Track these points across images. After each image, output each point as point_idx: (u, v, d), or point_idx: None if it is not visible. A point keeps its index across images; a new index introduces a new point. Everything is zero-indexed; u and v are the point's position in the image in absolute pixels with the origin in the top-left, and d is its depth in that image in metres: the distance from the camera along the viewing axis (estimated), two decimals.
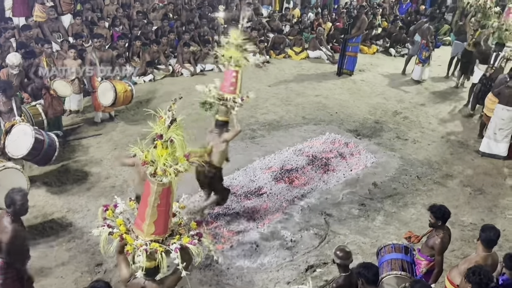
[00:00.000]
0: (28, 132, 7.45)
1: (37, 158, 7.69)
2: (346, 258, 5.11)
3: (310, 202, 8.12)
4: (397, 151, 10.02)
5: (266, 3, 17.55)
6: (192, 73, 13.27)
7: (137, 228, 4.52)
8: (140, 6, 14.40)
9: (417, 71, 13.95)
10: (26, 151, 7.37)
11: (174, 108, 4.52)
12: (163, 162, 4.40)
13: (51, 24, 12.32)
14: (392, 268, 5.59)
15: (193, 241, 4.58)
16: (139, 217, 4.53)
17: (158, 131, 4.43)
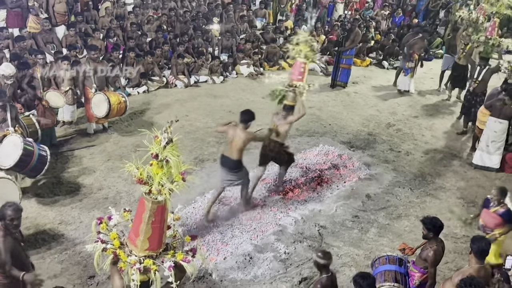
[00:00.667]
0: (18, 144, 7.37)
1: (26, 170, 7.60)
2: (329, 258, 5.25)
3: (304, 214, 8.12)
4: (391, 163, 10.06)
5: (260, 15, 17.64)
6: (186, 85, 13.29)
7: (131, 242, 4.50)
8: (134, 17, 14.44)
9: (402, 81, 14.06)
10: (13, 162, 7.28)
11: (171, 130, 4.52)
12: (158, 181, 4.39)
13: (45, 35, 12.34)
14: (385, 279, 5.60)
15: (187, 258, 4.56)
16: (133, 232, 4.51)
17: (154, 151, 4.41)
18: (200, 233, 7.35)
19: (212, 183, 8.71)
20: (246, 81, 14.30)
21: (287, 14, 18.08)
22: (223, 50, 15.22)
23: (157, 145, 4.45)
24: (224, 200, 8.24)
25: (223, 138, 10.38)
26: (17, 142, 7.41)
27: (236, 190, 8.51)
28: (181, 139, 10.34)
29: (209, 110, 11.92)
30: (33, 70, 9.81)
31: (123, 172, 8.79)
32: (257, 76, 14.58)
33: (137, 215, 4.50)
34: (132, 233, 4.53)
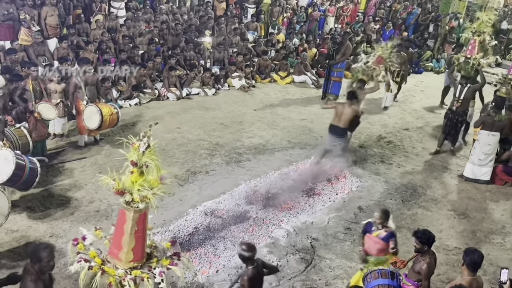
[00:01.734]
0: (9, 158, 7.25)
1: (17, 184, 7.52)
2: (253, 249, 5.38)
3: (296, 226, 8.11)
4: (382, 175, 10.10)
5: (252, 28, 17.74)
6: (178, 97, 13.30)
7: (113, 257, 4.47)
8: (126, 30, 14.46)
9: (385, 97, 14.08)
10: (7, 177, 7.18)
11: (150, 133, 4.51)
12: (138, 188, 4.37)
13: (36, 48, 12.32)
14: None
15: (174, 262, 4.55)
16: (115, 246, 4.48)
17: (133, 158, 4.39)
18: (192, 246, 7.33)
19: (204, 196, 8.71)
20: (238, 94, 14.34)
21: (278, 27, 18.20)
22: (215, 63, 15.27)
23: (135, 152, 4.43)
24: (216, 212, 8.22)
25: (216, 150, 10.43)
26: (9, 156, 7.30)
27: (229, 202, 8.51)
28: (173, 152, 10.42)
29: (201, 122, 11.93)
30: (25, 82, 9.79)
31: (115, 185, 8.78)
32: (248, 88, 14.63)
33: (117, 227, 4.48)
34: (114, 247, 4.49)
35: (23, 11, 12.71)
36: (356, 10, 20.18)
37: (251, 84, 14.93)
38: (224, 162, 10.06)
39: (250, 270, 5.31)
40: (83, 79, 9.94)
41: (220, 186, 9.11)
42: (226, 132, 11.50)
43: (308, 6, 19.62)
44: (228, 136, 11.29)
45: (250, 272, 5.30)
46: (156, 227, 7.72)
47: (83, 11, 14.58)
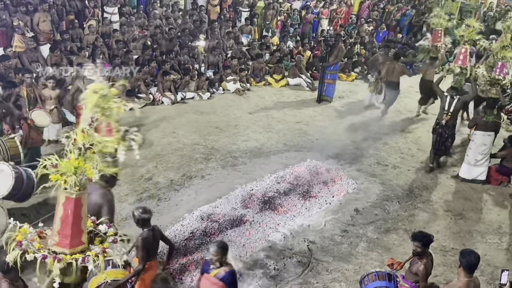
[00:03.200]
0: (7, 172, 7.15)
1: (16, 197, 7.44)
2: (148, 212, 5.79)
3: (293, 229, 8.09)
4: (378, 177, 10.10)
5: (246, 32, 17.75)
6: (172, 102, 13.28)
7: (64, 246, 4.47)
8: (120, 35, 14.44)
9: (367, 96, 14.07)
10: (7, 192, 7.12)
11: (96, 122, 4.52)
12: (73, 172, 4.38)
13: (30, 54, 12.29)
14: None
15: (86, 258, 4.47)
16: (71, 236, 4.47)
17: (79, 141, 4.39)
18: (189, 251, 7.30)
19: (200, 200, 8.69)
20: (233, 97, 14.33)
21: (273, 30, 18.22)
22: (209, 67, 15.26)
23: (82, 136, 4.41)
24: (213, 217, 8.19)
25: (211, 154, 10.41)
26: (6, 170, 7.19)
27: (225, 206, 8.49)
28: (168, 156, 10.41)
29: (196, 126, 11.90)
30: (19, 89, 9.76)
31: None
32: (243, 92, 14.62)
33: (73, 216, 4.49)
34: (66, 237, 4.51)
35: (16, 18, 12.69)
36: (350, 12, 20.22)
37: (246, 87, 14.92)
38: (219, 166, 10.04)
39: (146, 232, 5.76)
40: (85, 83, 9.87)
41: (216, 190, 9.09)
42: (222, 136, 11.48)
43: (302, 8, 19.66)
44: (224, 140, 11.27)
45: (145, 233, 5.74)
46: None
47: (76, 16, 14.56)
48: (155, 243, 5.87)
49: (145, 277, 5.86)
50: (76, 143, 4.41)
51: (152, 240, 5.75)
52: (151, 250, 5.76)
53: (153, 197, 8.76)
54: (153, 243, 5.80)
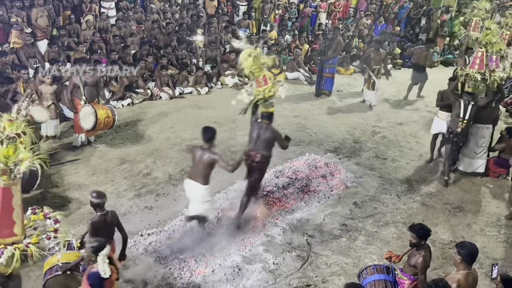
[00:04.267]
0: None
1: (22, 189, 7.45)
2: (102, 197, 5.99)
3: (292, 223, 8.11)
4: (377, 171, 10.10)
5: (244, 26, 17.69)
6: (170, 96, 13.26)
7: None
8: (117, 30, 14.40)
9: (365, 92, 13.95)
10: None
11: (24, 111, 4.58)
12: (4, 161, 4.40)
13: (27, 50, 12.27)
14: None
15: (47, 236, 4.54)
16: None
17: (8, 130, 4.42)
18: (187, 246, 7.31)
19: None
20: (231, 92, 14.27)
21: (271, 24, 18.16)
22: (207, 61, 15.22)
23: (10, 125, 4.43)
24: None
25: None
26: None
27: (224, 201, 8.49)
28: (167, 151, 10.41)
29: (194, 121, 11.89)
30: (16, 85, 9.74)
31: (109, 186, 8.78)
32: (242, 86, 14.57)
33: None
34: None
35: (14, 14, 12.64)
36: (348, 6, 20.14)
37: (244, 81, 14.89)
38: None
39: (97, 216, 5.95)
40: (83, 79, 9.87)
41: (214, 185, 9.04)
42: (220, 131, 11.38)
43: (300, 2, 19.58)
44: (222, 135, 11.24)
45: (95, 217, 5.95)
46: (151, 227, 7.72)
47: (73, 11, 14.48)
48: (107, 228, 6.01)
49: None
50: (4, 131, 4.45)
51: (103, 224, 5.94)
52: (102, 234, 5.75)
53: (152, 192, 8.77)
54: (104, 228, 5.95)
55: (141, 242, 7.37)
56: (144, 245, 7.30)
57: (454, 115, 9.46)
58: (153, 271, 6.82)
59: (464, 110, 9.31)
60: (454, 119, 9.46)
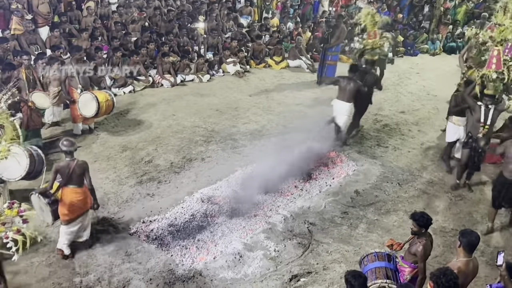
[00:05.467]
0: (20, 153, 7.09)
1: (30, 175, 7.40)
2: (72, 145, 6.61)
3: (293, 211, 8.12)
4: (378, 159, 10.10)
5: (245, 13, 17.62)
6: (172, 84, 13.24)
7: None
8: (118, 17, 14.34)
9: None
10: (24, 172, 7.14)
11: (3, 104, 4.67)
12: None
13: (28, 37, 12.25)
14: (376, 277, 5.61)
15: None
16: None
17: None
18: (189, 233, 7.35)
19: (200, 182, 8.72)
20: (232, 79, 14.29)
21: (272, 11, 18.07)
22: (209, 49, 15.17)
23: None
24: (213, 199, 8.23)
25: (211, 137, 10.42)
26: (18, 151, 7.14)
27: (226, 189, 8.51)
28: (169, 139, 10.41)
29: (196, 109, 11.89)
30: (18, 71, 9.72)
31: (111, 173, 8.81)
32: (243, 74, 14.56)
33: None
34: None
35: (14, 0, 12.58)
36: None
37: (246, 69, 14.87)
38: (220, 148, 10.04)
39: (64, 161, 6.64)
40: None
41: (216, 172, 9.11)
42: (222, 119, 11.47)
43: None
44: (224, 123, 11.26)
45: (62, 162, 6.68)
46: (152, 214, 7.75)
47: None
48: (72, 174, 6.57)
49: (63, 202, 6.66)
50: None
51: (66, 169, 6.53)
52: (64, 177, 6.57)
53: (154, 180, 8.78)
54: (68, 173, 6.54)
55: (142, 229, 7.40)
56: (146, 232, 7.32)
57: (475, 120, 8.69)
58: (155, 257, 6.85)
59: (485, 115, 8.56)
60: (475, 124, 8.71)
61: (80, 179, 6.65)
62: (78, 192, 6.67)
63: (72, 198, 6.64)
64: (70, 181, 6.60)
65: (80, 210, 6.77)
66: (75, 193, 6.66)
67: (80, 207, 6.74)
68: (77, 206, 6.70)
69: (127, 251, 6.94)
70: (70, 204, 6.64)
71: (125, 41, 13.41)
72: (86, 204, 6.83)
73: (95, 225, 7.40)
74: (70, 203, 6.63)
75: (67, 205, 6.63)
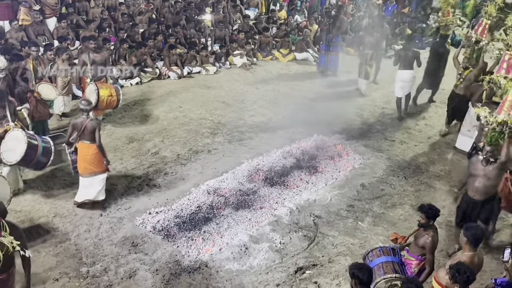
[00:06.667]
0: (21, 138, 7.41)
1: (32, 163, 7.64)
2: (88, 104, 7.37)
3: (299, 204, 8.13)
4: (384, 152, 10.09)
5: (253, 5, 17.58)
6: (179, 76, 13.25)
7: None
8: (126, 8, 14.34)
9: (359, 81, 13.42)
10: (20, 157, 7.35)
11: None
12: None
13: (36, 27, 12.28)
14: (385, 271, 5.63)
15: None
16: None
17: None
18: (195, 224, 7.38)
19: (207, 174, 8.74)
20: (239, 72, 14.27)
21: (280, 4, 18.01)
22: (216, 41, 15.16)
23: None
24: (219, 191, 8.25)
25: (218, 129, 10.44)
26: (20, 136, 7.45)
27: (232, 181, 8.53)
28: (175, 131, 10.43)
29: (202, 101, 11.89)
30: (25, 62, 9.76)
31: (118, 165, 8.84)
32: (250, 66, 14.54)
33: None
34: None
35: None
36: None
37: (253, 61, 14.84)
38: (226, 140, 10.06)
39: (79, 118, 7.38)
40: (91, 58, 9.89)
41: (222, 164, 9.13)
42: (228, 111, 11.47)
43: None
44: (230, 115, 11.27)
45: (78, 118, 7.40)
46: (159, 205, 7.79)
47: None
48: (83, 129, 7.34)
49: (78, 155, 7.53)
50: None
51: (80, 125, 7.33)
52: (78, 133, 7.38)
53: (160, 171, 8.82)
54: (80, 128, 7.34)
55: (149, 220, 7.44)
56: (152, 223, 7.36)
57: (480, 127, 8.12)
58: (161, 248, 6.89)
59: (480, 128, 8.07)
60: (479, 131, 8.26)
61: (91, 135, 7.38)
62: (90, 147, 7.43)
63: (85, 152, 7.45)
64: (83, 136, 7.40)
65: (95, 168, 7.52)
66: (87, 148, 7.43)
67: (95, 164, 7.51)
68: (90, 161, 7.47)
69: (133, 242, 6.98)
70: (83, 157, 7.47)
71: (133, 32, 13.41)
72: (100, 164, 7.56)
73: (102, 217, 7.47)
74: (83, 156, 7.48)
75: (81, 158, 7.50)
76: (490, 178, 6.74)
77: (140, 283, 6.31)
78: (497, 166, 6.68)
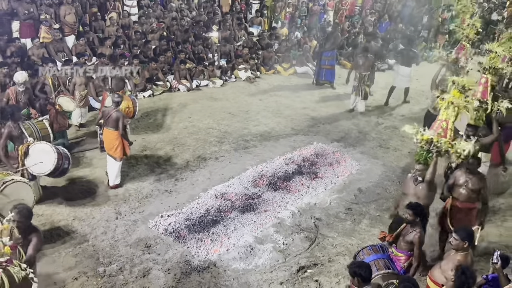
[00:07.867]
0: (48, 149, 7.38)
1: (58, 172, 7.61)
2: (119, 97, 8.10)
3: (300, 207, 8.13)
4: (380, 159, 10.08)
5: (256, 23, 17.63)
6: (188, 89, 13.28)
7: None
8: (139, 26, 14.43)
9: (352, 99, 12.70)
10: (53, 167, 7.34)
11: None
12: None
13: (56, 45, 12.37)
14: (377, 268, 5.62)
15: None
16: None
17: None
18: (204, 226, 7.38)
19: (214, 180, 8.75)
20: (244, 85, 14.31)
21: (282, 21, 18.07)
22: (222, 56, 15.21)
23: None
24: (226, 195, 8.25)
25: (224, 138, 10.46)
26: (47, 148, 7.42)
27: (238, 186, 8.53)
28: (185, 139, 10.45)
29: (210, 112, 11.92)
30: (44, 77, 9.82)
31: (132, 171, 8.86)
32: (254, 79, 14.58)
33: None
34: None
35: (43, 11, 12.72)
36: (354, 4, 19.95)
37: (256, 75, 14.88)
38: (232, 148, 10.07)
39: (110, 108, 8.13)
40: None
41: (229, 171, 9.14)
42: (234, 121, 11.50)
43: (309, 1, 19.46)
44: (236, 125, 11.29)
45: (109, 109, 8.18)
46: (170, 209, 7.79)
47: (99, 9, 14.54)
48: (108, 117, 8.07)
49: (106, 141, 8.31)
50: None
51: (107, 113, 8.10)
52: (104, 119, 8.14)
53: (171, 177, 8.83)
54: (106, 115, 8.09)
55: (161, 222, 7.44)
56: (164, 226, 7.36)
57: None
58: (172, 249, 6.89)
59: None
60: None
61: (115, 123, 8.04)
62: (112, 134, 8.11)
63: (109, 137, 8.19)
64: (107, 123, 8.10)
65: (109, 151, 8.22)
66: (110, 134, 8.14)
67: (109, 148, 8.20)
68: (107, 145, 8.24)
69: (147, 243, 6.99)
70: (108, 142, 8.22)
71: (146, 48, 13.48)
72: (113, 150, 8.15)
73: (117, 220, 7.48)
74: (108, 141, 8.24)
75: (106, 142, 8.28)
76: (419, 197, 6.28)
77: (153, 281, 6.30)
78: (425, 186, 6.31)
